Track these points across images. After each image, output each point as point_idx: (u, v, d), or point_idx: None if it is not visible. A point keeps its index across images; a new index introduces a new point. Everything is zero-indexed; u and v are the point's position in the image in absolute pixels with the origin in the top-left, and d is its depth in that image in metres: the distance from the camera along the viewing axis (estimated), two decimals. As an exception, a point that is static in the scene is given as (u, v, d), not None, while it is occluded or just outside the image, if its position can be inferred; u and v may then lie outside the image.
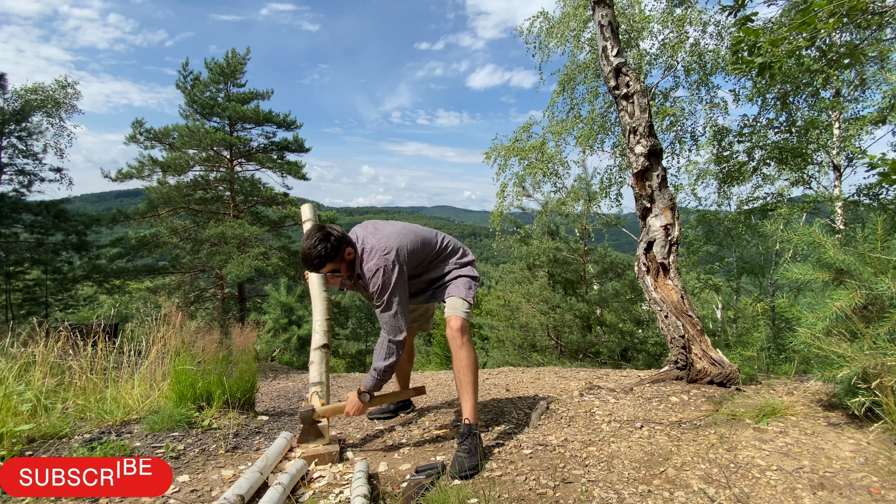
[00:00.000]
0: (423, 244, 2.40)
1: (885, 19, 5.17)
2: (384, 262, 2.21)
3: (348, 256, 2.29)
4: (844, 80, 7.76)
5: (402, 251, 2.26)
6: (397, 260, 2.23)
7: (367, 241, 2.31)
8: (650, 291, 3.63)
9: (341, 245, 2.25)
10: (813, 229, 2.67)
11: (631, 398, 3.26)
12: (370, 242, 2.29)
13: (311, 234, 2.24)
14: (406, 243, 2.31)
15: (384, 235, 2.31)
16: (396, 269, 2.22)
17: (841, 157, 8.52)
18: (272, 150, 19.12)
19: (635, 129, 3.70)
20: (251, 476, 1.92)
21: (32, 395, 2.69)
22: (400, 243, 2.28)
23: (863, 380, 2.22)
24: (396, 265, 2.23)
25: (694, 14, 9.17)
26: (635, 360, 9.90)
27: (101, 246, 17.54)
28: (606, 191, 11.39)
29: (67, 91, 16.46)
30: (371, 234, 2.34)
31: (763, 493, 1.80)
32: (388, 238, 2.29)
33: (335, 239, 2.23)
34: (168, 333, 3.38)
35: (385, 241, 2.27)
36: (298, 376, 5.73)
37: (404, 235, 2.34)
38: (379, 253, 2.24)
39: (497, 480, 1.99)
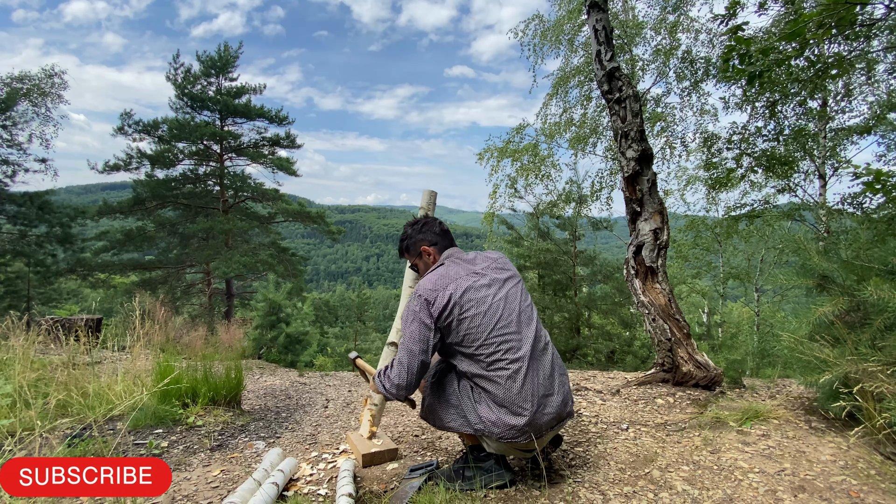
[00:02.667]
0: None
1: (872, 31, 5.28)
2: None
3: (426, 256, 2.06)
4: (832, 90, 7.91)
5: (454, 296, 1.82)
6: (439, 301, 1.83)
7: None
8: (638, 294, 3.66)
9: (416, 242, 2.06)
10: (797, 235, 2.72)
11: (618, 400, 3.28)
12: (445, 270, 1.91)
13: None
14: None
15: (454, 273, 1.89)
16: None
17: (826, 166, 8.67)
18: (263, 146, 18.97)
19: (626, 133, 3.72)
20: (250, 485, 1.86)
21: (12, 390, 2.63)
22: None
23: (844, 385, 2.26)
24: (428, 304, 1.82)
25: (686, 21, 9.28)
26: (622, 362, 9.98)
27: (86, 239, 17.23)
28: (597, 194, 11.47)
29: (54, 80, 16.14)
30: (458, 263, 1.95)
31: (745, 495, 1.82)
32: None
33: (413, 233, 2.07)
34: (153, 329, 3.33)
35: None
36: (286, 374, 5.68)
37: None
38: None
39: (484, 480, 1.98)
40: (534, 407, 1.73)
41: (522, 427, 1.73)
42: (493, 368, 1.75)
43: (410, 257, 2.11)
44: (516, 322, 1.81)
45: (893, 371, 2.04)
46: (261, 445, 2.58)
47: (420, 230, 2.07)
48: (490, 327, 1.77)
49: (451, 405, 1.87)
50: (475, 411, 1.79)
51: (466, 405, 1.82)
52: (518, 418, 1.73)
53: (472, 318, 1.77)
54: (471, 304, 1.79)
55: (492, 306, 1.80)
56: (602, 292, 11.26)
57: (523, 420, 1.73)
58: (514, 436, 1.75)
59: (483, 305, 1.79)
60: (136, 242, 17.11)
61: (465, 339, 1.77)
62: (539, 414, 1.75)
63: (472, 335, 1.76)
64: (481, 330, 1.76)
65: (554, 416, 1.79)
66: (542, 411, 1.75)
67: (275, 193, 18.67)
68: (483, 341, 1.76)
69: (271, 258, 17.71)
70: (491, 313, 1.79)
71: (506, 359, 1.75)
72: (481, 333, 1.76)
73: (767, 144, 7.69)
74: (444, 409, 1.89)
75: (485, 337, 1.76)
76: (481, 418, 1.78)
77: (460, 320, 1.77)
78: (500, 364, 1.75)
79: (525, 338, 1.80)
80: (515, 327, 1.80)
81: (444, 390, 1.91)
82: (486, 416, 1.77)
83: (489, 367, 1.76)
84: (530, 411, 1.73)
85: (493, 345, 1.75)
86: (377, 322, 51.39)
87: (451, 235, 2.11)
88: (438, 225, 2.09)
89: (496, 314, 1.79)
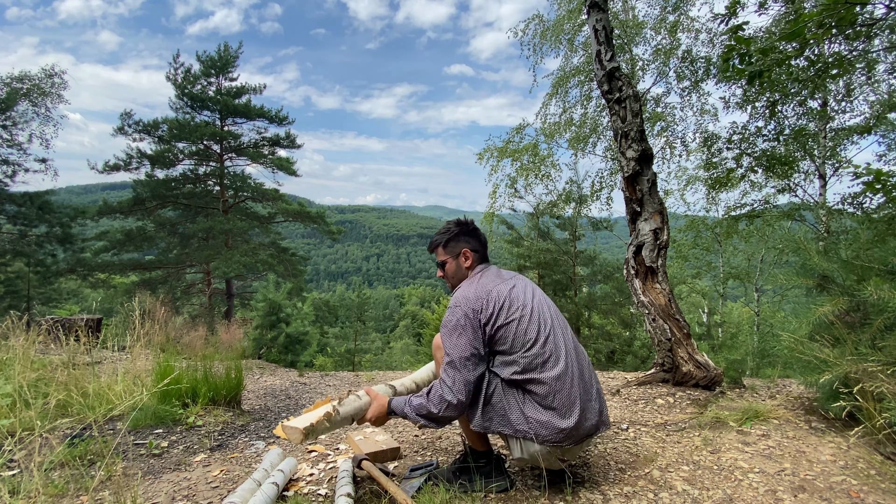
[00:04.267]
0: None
1: (872, 31, 5.28)
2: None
3: (462, 259, 2.02)
4: (832, 90, 7.90)
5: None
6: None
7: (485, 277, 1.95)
8: (638, 294, 3.66)
9: (460, 242, 2.02)
10: (797, 235, 2.72)
11: (618, 400, 3.28)
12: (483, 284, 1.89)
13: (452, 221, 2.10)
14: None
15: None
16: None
17: (826, 166, 8.67)
18: (263, 146, 18.97)
19: (626, 133, 3.72)
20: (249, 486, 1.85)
21: (12, 390, 2.63)
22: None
23: (844, 385, 2.26)
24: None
25: (686, 21, 9.28)
26: (622, 362, 9.98)
27: (87, 239, 17.23)
28: (597, 194, 11.47)
29: (54, 80, 16.13)
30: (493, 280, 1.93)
31: (745, 495, 1.82)
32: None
33: (460, 232, 2.03)
34: (153, 329, 3.33)
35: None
36: (286, 374, 5.68)
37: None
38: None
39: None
40: (579, 410, 1.73)
41: (570, 430, 1.71)
42: (541, 370, 1.74)
43: (445, 254, 2.04)
44: (555, 326, 1.83)
45: (893, 371, 2.04)
46: (261, 445, 2.58)
47: (469, 232, 2.05)
48: (536, 331, 1.78)
49: (491, 405, 1.79)
50: (521, 412, 1.75)
51: (511, 405, 1.77)
52: (568, 420, 1.71)
53: (518, 321, 1.78)
54: (514, 309, 1.80)
55: (533, 310, 1.82)
56: (602, 292, 11.26)
57: (573, 422, 1.71)
58: (561, 439, 1.72)
59: (526, 309, 1.81)
60: (136, 242, 17.11)
61: (513, 343, 1.77)
62: (583, 418, 1.74)
63: (520, 339, 1.77)
64: (528, 334, 1.77)
65: (595, 423, 1.79)
66: (586, 416, 1.75)
67: (275, 193, 18.67)
68: (530, 345, 1.76)
69: (271, 258, 17.70)
70: (534, 317, 1.81)
71: (551, 362, 1.75)
72: (528, 336, 1.77)
73: (767, 144, 7.69)
74: (481, 410, 1.81)
75: (532, 340, 1.76)
76: (528, 419, 1.73)
77: (507, 324, 1.78)
78: (546, 367, 1.74)
79: (566, 340, 1.83)
80: (557, 330, 1.83)
81: (483, 392, 1.82)
82: (535, 416, 1.72)
83: (536, 370, 1.74)
84: (578, 414, 1.72)
85: (539, 346, 1.76)
86: (377, 322, 51.22)
87: (487, 250, 2.11)
88: (484, 236, 2.10)
89: (538, 317, 1.81)
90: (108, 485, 2.02)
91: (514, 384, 1.78)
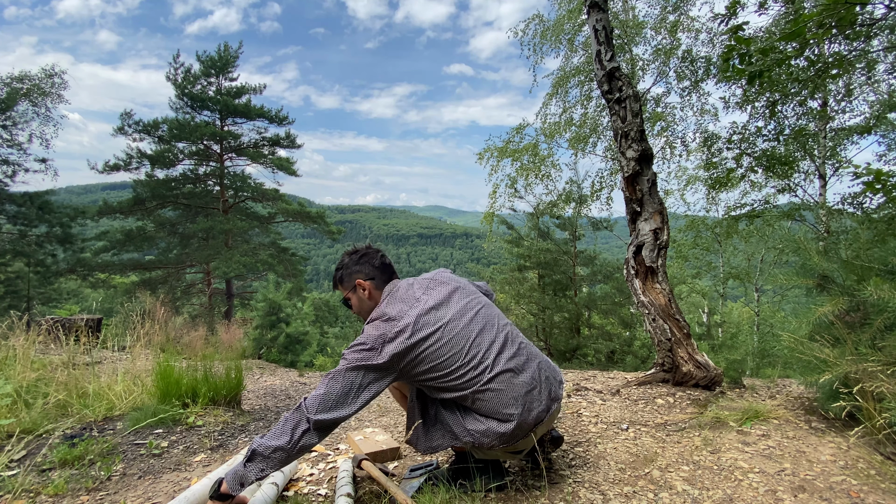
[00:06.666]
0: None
1: (872, 31, 5.28)
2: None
3: (360, 290, 1.91)
4: (832, 90, 7.91)
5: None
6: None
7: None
8: (638, 294, 3.66)
9: (353, 274, 1.90)
10: (797, 235, 2.72)
11: (618, 400, 3.28)
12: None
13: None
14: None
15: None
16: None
17: (826, 166, 8.67)
18: (263, 146, 18.98)
19: (626, 133, 3.72)
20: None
21: (12, 390, 2.64)
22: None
23: (844, 384, 2.26)
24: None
25: (687, 21, 9.28)
26: (622, 362, 9.98)
27: (87, 239, 17.24)
28: (597, 194, 11.47)
29: (54, 80, 16.14)
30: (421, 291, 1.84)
31: (745, 496, 1.82)
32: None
33: (350, 262, 1.92)
34: (153, 329, 3.33)
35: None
36: (286, 374, 5.69)
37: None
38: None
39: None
40: (519, 409, 1.70)
41: (513, 432, 1.70)
42: (469, 388, 1.69)
43: (345, 289, 1.93)
44: (476, 333, 1.75)
45: (893, 371, 2.04)
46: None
47: (357, 261, 1.91)
48: (452, 352, 1.69)
49: (438, 422, 1.80)
50: (462, 425, 1.74)
51: (453, 421, 1.76)
52: (507, 425, 1.70)
53: (432, 351, 1.68)
54: (428, 336, 1.68)
55: (448, 326, 1.73)
56: (602, 292, 11.26)
57: (512, 425, 1.70)
58: (507, 440, 1.72)
59: (438, 332, 1.70)
60: (136, 242, 17.13)
61: (431, 370, 1.69)
62: (526, 413, 1.71)
63: (439, 365, 1.69)
64: (445, 358, 1.69)
65: (543, 407, 1.76)
66: (529, 408, 1.72)
67: (275, 193, 18.69)
68: (450, 368, 1.69)
69: (271, 258, 17.72)
70: (451, 333, 1.72)
71: (478, 375, 1.69)
72: (446, 361, 1.69)
73: (767, 144, 7.69)
74: (429, 430, 1.82)
75: (450, 363, 1.69)
76: (469, 431, 1.73)
77: (420, 359, 1.67)
78: (474, 382, 1.69)
79: (489, 344, 1.74)
80: (476, 338, 1.74)
81: (427, 412, 1.84)
82: (475, 427, 1.72)
83: (464, 388, 1.69)
84: (517, 414, 1.70)
85: (461, 367, 1.69)
86: (377, 322, 51.31)
87: (392, 269, 1.96)
88: (380, 258, 1.93)
89: (455, 332, 1.72)
90: (107, 485, 2.02)
91: (450, 402, 1.78)
